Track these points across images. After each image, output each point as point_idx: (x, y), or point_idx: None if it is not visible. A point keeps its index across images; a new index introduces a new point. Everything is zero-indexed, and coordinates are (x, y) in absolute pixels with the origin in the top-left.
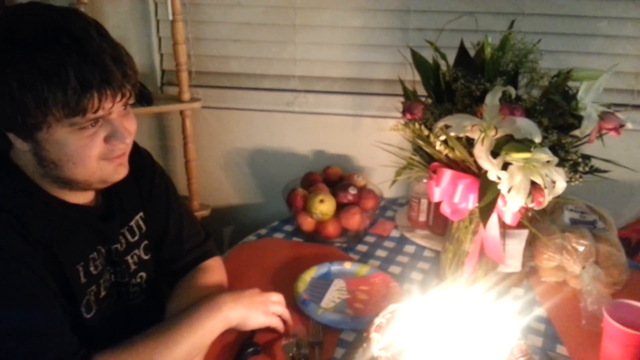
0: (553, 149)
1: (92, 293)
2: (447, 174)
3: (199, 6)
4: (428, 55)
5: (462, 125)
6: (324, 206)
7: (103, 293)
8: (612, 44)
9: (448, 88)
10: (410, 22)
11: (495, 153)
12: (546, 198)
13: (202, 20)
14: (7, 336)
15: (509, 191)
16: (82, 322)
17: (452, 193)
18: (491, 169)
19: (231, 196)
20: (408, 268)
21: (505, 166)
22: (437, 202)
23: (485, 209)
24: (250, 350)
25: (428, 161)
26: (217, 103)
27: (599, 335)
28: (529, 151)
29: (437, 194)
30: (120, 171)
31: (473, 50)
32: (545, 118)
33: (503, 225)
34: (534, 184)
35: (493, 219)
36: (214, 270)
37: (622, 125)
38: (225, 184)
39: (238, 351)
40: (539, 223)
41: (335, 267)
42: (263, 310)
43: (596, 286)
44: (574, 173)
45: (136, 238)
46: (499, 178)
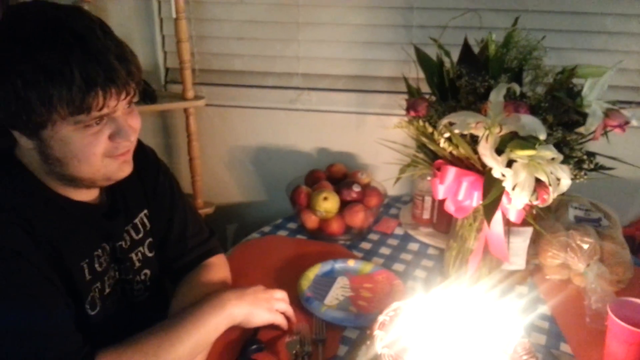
0: (558, 146)
1: (97, 290)
2: (452, 172)
3: (203, 4)
4: (432, 52)
5: (467, 122)
6: (328, 204)
7: (107, 290)
8: (617, 41)
9: (452, 85)
10: (413, 20)
11: (499, 150)
12: (551, 195)
13: (206, 18)
14: (12, 333)
15: (514, 188)
16: (87, 319)
17: (457, 190)
18: (495, 166)
19: (235, 194)
20: (412, 266)
21: (509, 163)
22: (441, 200)
23: (489, 207)
24: (253, 347)
25: (432, 158)
26: (221, 101)
27: (603, 333)
28: (534, 148)
29: (442, 192)
30: (124, 169)
31: (477, 47)
32: (549, 115)
33: (507, 222)
34: (539, 182)
35: (497, 217)
36: (218, 267)
37: (627, 122)
38: (229, 182)
39: (241, 348)
40: (544, 221)
41: (338, 265)
42: (267, 307)
43: (600, 284)
44: (579, 170)
45: (140, 235)
46: (504, 175)
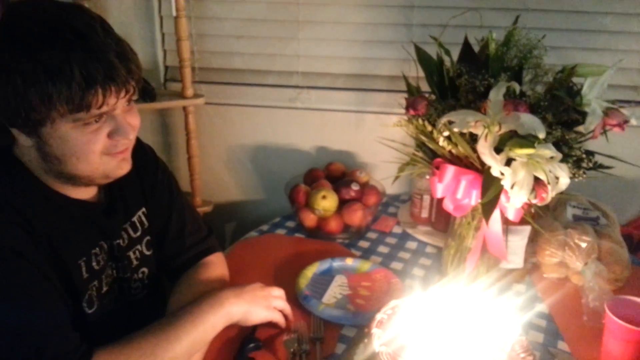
0: (557, 145)
1: (94, 288)
2: (450, 170)
3: (203, 2)
4: (432, 51)
5: (466, 121)
6: (326, 202)
7: (105, 288)
8: (617, 40)
9: (452, 84)
10: (414, 18)
11: (498, 149)
12: (549, 194)
13: (206, 16)
14: (10, 332)
15: (512, 187)
16: (84, 318)
17: (455, 189)
18: (494, 165)
19: (233, 192)
20: (410, 264)
21: (508, 162)
22: (440, 198)
23: (488, 205)
24: (251, 345)
25: (431, 157)
26: (220, 99)
27: (601, 331)
28: (533, 147)
29: (440, 190)
30: (123, 166)
31: (477, 46)
32: (549, 114)
33: (506, 221)
34: (537, 180)
35: (496, 215)
36: (216, 266)
37: (627, 121)
38: (227, 180)
39: (239, 347)
40: (542, 219)
41: (337, 263)
42: (265, 305)
43: (598, 282)
44: (578, 169)
45: (138, 234)
46: (502, 174)
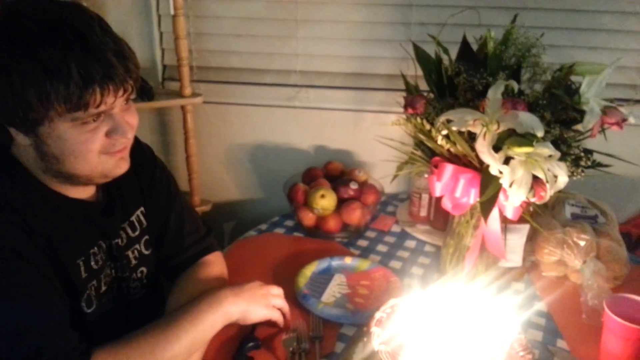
0: (555, 144)
1: (93, 288)
2: (449, 169)
3: (201, 1)
4: (430, 49)
5: (464, 119)
6: (325, 201)
7: (104, 288)
8: (615, 39)
9: (450, 82)
10: (412, 17)
11: (497, 147)
12: (548, 192)
13: (204, 15)
14: (9, 332)
15: (511, 185)
16: (83, 317)
17: (454, 188)
18: (493, 164)
19: (232, 191)
20: (409, 263)
21: (507, 160)
22: (438, 197)
23: (486, 204)
24: (250, 345)
25: (430, 156)
26: (219, 98)
27: (600, 329)
28: (531, 145)
29: (439, 189)
30: (121, 165)
31: (475, 44)
32: (547, 112)
33: (504, 219)
34: (536, 179)
35: (494, 214)
36: (215, 265)
37: (625, 119)
38: (226, 180)
39: (238, 346)
40: (540, 218)
41: (335, 262)
42: (264, 303)
43: (597, 281)
44: (576, 167)
45: (137, 233)
46: (501, 172)
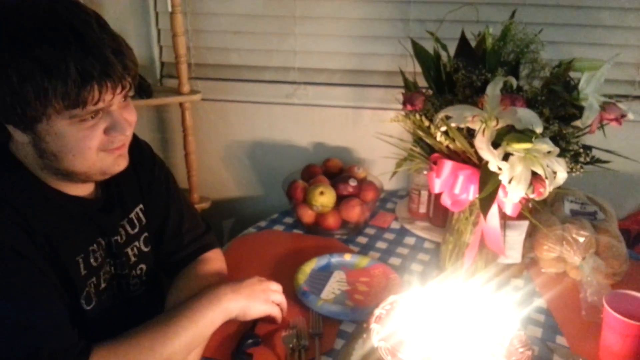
0: (554, 140)
1: (92, 285)
2: (448, 165)
3: None
4: (429, 46)
5: (463, 116)
6: (324, 198)
7: (103, 285)
8: (614, 35)
9: (449, 79)
10: (410, 13)
11: (496, 144)
12: (547, 189)
13: (202, 12)
14: (9, 330)
15: (510, 182)
16: (82, 314)
17: (453, 184)
18: (492, 160)
19: (231, 189)
20: (408, 260)
21: (506, 157)
22: (438, 194)
23: (485, 200)
24: (250, 341)
25: (428, 152)
26: (217, 95)
27: (599, 325)
28: (530, 142)
29: (438, 185)
30: (120, 163)
31: (474, 41)
32: (546, 108)
33: (503, 216)
34: (535, 175)
35: (493, 210)
36: (214, 262)
37: (624, 115)
38: (225, 177)
39: (238, 342)
40: (540, 214)
41: (335, 259)
42: (264, 298)
43: (596, 277)
44: (575, 164)
45: (136, 230)
46: (500, 169)
